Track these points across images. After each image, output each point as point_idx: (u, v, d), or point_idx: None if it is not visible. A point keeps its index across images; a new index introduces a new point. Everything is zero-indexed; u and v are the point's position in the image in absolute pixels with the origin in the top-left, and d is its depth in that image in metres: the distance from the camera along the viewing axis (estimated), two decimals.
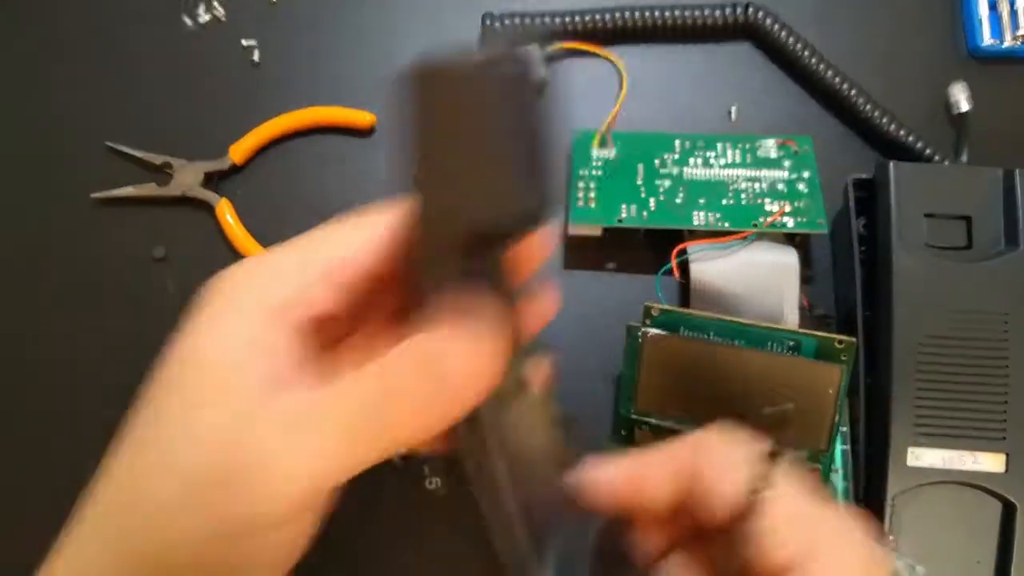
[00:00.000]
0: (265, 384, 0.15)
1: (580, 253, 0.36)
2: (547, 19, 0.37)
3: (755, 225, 0.33)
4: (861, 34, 0.38)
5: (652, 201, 0.34)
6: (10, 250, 0.37)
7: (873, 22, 0.38)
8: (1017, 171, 0.31)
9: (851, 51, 0.37)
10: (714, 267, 0.32)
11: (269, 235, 0.37)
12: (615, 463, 0.20)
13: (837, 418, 0.29)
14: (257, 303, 0.16)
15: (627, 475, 0.19)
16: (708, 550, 0.20)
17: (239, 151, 0.37)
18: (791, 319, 0.32)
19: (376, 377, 0.15)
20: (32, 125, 0.38)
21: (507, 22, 0.37)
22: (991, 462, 0.29)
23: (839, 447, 0.31)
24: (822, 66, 0.36)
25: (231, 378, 0.16)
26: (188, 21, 0.39)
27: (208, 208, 0.37)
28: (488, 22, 0.37)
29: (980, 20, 0.37)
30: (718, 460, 0.19)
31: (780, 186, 0.34)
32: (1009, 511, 0.29)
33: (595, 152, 0.35)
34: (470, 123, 0.15)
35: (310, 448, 0.15)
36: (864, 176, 0.33)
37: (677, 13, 0.37)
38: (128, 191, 0.37)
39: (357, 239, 0.17)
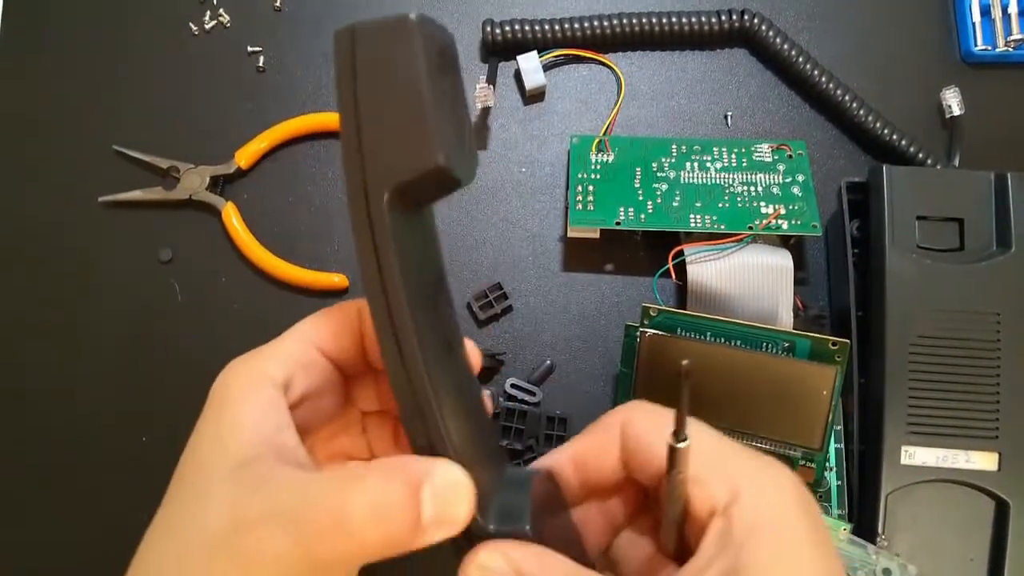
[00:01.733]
0: (266, 460, 0.18)
1: (579, 255, 0.37)
2: (547, 26, 0.38)
3: (750, 228, 0.33)
4: (855, 40, 0.39)
5: (649, 204, 0.34)
6: (18, 252, 0.38)
7: (866, 28, 0.39)
8: (1009, 174, 0.32)
9: (845, 57, 0.38)
10: (710, 269, 0.33)
11: (274, 238, 0.37)
12: (559, 452, 0.21)
13: (831, 417, 0.29)
14: (271, 380, 0.19)
15: (571, 459, 0.21)
16: (652, 520, 0.21)
17: (245, 155, 0.38)
18: (786, 320, 0.32)
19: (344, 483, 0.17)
20: (41, 129, 0.39)
21: (507, 28, 0.38)
22: (984, 460, 0.29)
23: (833, 446, 0.31)
24: (816, 71, 0.37)
25: (239, 455, 0.18)
26: (194, 28, 0.40)
27: (214, 211, 0.37)
28: (488, 28, 0.38)
29: (973, 26, 0.38)
30: (640, 422, 0.20)
31: (775, 189, 0.34)
32: (1002, 509, 0.29)
33: (593, 156, 0.36)
34: (397, 79, 0.16)
35: (289, 534, 0.16)
36: (857, 179, 0.33)
37: (674, 20, 0.38)
38: (135, 195, 0.38)
39: (331, 327, 0.20)
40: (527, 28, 0.37)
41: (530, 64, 0.37)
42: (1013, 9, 0.37)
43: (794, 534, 0.16)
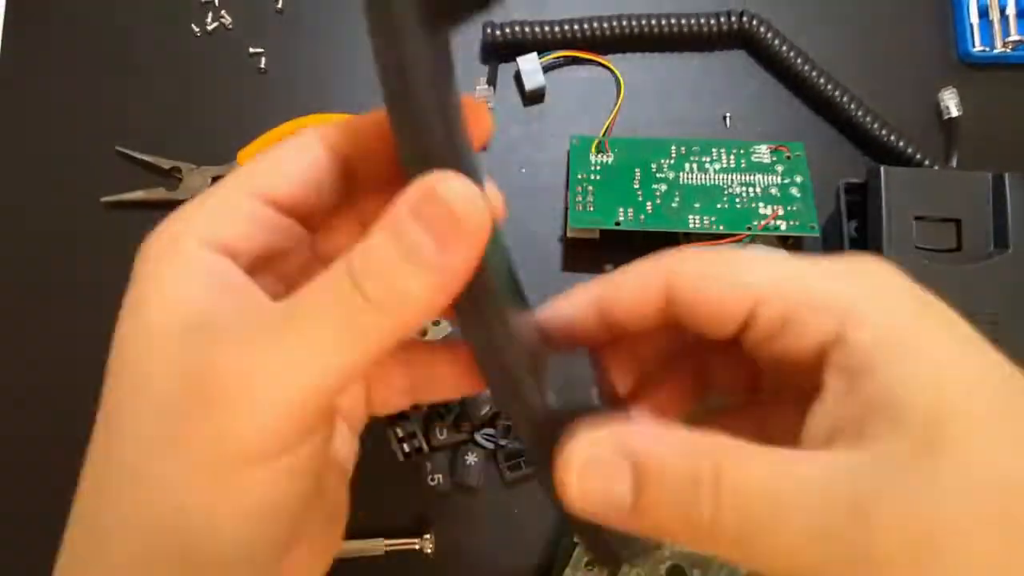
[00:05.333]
0: (221, 318, 0.14)
1: (578, 255, 0.37)
2: (547, 27, 0.38)
3: (749, 228, 0.33)
4: (853, 41, 0.39)
5: (649, 205, 0.34)
6: (21, 252, 0.38)
7: (865, 29, 0.39)
8: (1006, 175, 0.32)
9: (843, 58, 0.38)
10: None
11: None
12: (579, 293, 0.17)
13: None
14: (201, 246, 0.15)
15: (597, 302, 0.17)
16: (695, 369, 0.18)
17: (247, 156, 0.38)
18: None
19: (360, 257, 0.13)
20: (44, 129, 0.39)
21: (507, 29, 0.38)
22: None
23: None
24: (814, 73, 0.37)
25: (179, 316, 0.14)
26: (196, 28, 0.40)
27: None
28: (488, 30, 0.38)
29: (971, 27, 0.38)
30: (694, 272, 0.16)
31: (773, 190, 0.34)
32: None
33: (593, 157, 0.36)
34: None
35: (291, 353, 0.13)
36: (856, 180, 0.33)
37: (673, 22, 0.38)
38: (138, 195, 0.38)
39: (294, 165, 0.16)
40: (527, 29, 0.38)
41: (530, 65, 0.37)
42: (1011, 10, 0.37)
43: (934, 339, 0.14)
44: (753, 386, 0.18)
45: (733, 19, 0.38)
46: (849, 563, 0.12)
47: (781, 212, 0.34)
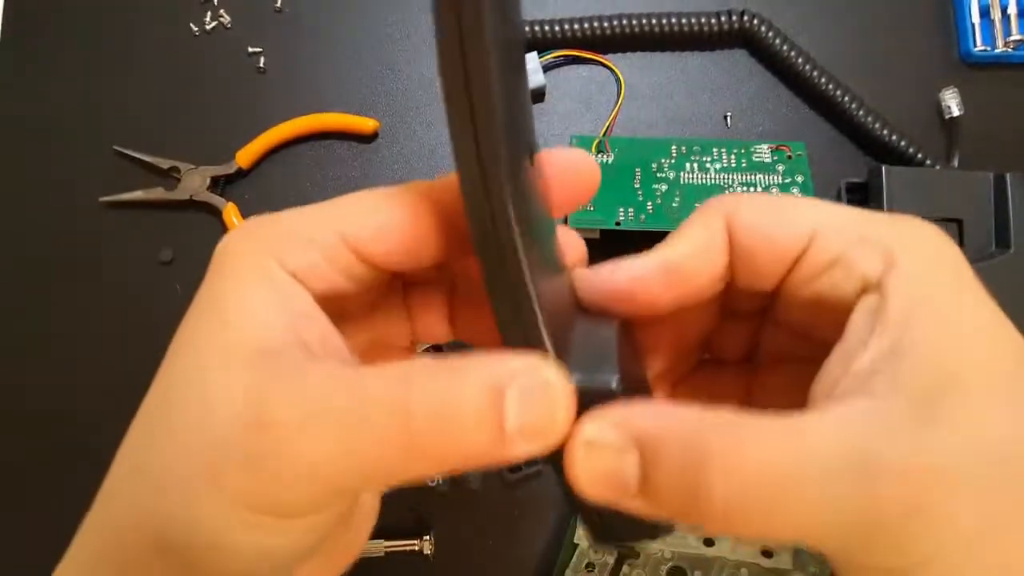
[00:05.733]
0: (292, 350, 0.14)
1: None
2: (547, 27, 0.38)
3: None
4: (854, 41, 0.39)
5: (649, 205, 0.34)
6: (19, 252, 0.38)
7: (866, 29, 0.39)
8: (1008, 175, 0.32)
9: (844, 57, 0.38)
10: None
11: None
12: (644, 260, 0.16)
13: None
14: (281, 266, 0.15)
15: (663, 267, 0.16)
16: (744, 327, 0.19)
17: (245, 156, 0.38)
18: None
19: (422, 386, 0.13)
20: (42, 129, 0.39)
21: None
22: None
23: None
24: (815, 72, 0.37)
25: (254, 339, 0.14)
26: (195, 28, 0.40)
27: (215, 212, 0.37)
28: None
29: (972, 26, 0.38)
30: (752, 211, 0.16)
31: (774, 190, 0.34)
32: None
33: (593, 157, 0.36)
34: None
35: (336, 435, 0.13)
36: (857, 180, 0.33)
37: (674, 21, 0.38)
38: (136, 195, 0.38)
39: (388, 220, 0.15)
40: (527, 29, 0.38)
41: (530, 65, 0.37)
42: (1012, 10, 0.37)
43: (963, 304, 0.14)
44: (748, 356, 0.19)
45: (734, 18, 0.38)
46: (857, 528, 0.12)
47: None
